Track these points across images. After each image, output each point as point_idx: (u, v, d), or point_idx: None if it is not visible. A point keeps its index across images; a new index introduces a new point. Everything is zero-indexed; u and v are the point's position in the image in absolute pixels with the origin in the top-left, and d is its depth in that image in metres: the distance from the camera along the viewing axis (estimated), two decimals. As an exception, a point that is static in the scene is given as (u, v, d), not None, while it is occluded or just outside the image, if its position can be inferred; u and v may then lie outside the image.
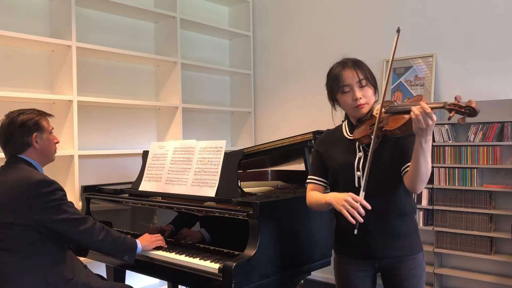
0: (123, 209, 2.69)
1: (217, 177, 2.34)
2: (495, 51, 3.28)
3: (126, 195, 2.72)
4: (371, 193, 1.70)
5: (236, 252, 2.06)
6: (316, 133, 2.26)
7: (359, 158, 1.81)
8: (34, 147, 2.10)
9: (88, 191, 2.89)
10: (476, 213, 3.18)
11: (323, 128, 2.41)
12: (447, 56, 3.47)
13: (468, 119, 1.74)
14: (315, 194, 1.90)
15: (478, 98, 3.30)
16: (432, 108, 1.58)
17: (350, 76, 1.84)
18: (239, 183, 2.30)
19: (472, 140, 3.20)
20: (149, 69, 3.95)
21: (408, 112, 1.61)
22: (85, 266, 2.22)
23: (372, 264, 1.84)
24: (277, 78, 4.49)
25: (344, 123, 1.98)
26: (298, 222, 2.20)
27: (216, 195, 2.30)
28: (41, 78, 3.25)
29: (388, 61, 3.70)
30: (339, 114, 2.07)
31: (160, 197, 2.57)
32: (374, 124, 1.71)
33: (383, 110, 1.71)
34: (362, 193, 1.66)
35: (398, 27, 1.80)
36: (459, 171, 3.23)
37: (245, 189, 2.33)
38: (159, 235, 2.36)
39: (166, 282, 3.60)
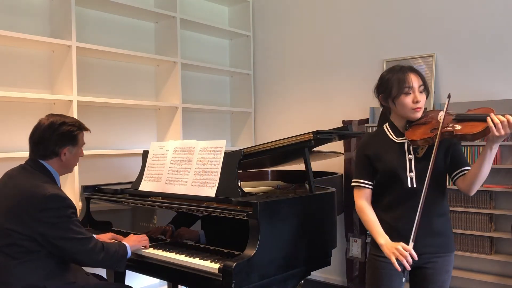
0: (123, 209, 2.69)
1: (217, 177, 2.33)
2: (495, 51, 3.28)
3: (126, 195, 2.72)
4: (421, 192, 1.82)
5: (236, 252, 2.06)
6: (316, 133, 2.25)
7: (410, 160, 1.94)
8: (60, 158, 2.11)
9: (88, 191, 2.89)
10: (476, 213, 3.18)
11: (323, 128, 2.41)
12: (447, 56, 3.48)
13: None
14: (370, 216, 1.99)
15: (478, 98, 3.30)
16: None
17: (415, 79, 1.94)
18: (239, 183, 2.30)
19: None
20: (149, 69, 3.95)
21: (483, 120, 1.80)
22: (87, 274, 2.22)
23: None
24: (277, 78, 4.49)
25: (385, 127, 2.06)
26: (298, 222, 2.20)
27: (216, 195, 2.30)
28: (41, 78, 3.25)
29: (389, 61, 3.71)
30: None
31: (160, 197, 2.57)
32: (436, 128, 1.86)
33: (451, 117, 1.89)
34: (411, 244, 1.78)
35: (449, 94, 2.02)
36: (459, 171, 3.23)
37: (245, 189, 2.33)
38: (145, 235, 2.36)
39: (166, 282, 3.60)
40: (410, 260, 1.76)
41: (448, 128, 1.85)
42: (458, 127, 1.84)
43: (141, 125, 3.87)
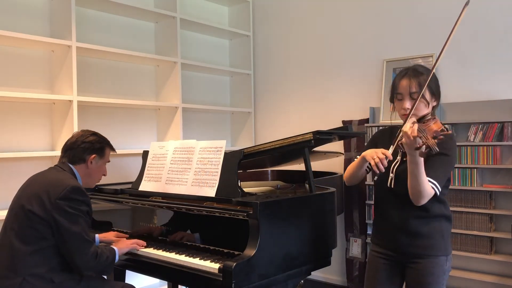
0: (123, 209, 2.69)
1: (217, 177, 2.33)
2: (495, 51, 3.28)
3: (126, 195, 2.72)
4: (400, 194, 1.92)
5: (236, 252, 2.06)
6: (316, 133, 2.25)
7: (396, 162, 1.99)
8: (87, 165, 2.28)
9: (88, 191, 2.88)
10: (476, 213, 3.18)
11: (323, 128, 2.41)
12: (447, 56, 3.47)
13: (468, 119, 1.82)
14: (353, 163, 2.10)
15: (478, 98, 3.31)
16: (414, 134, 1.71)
17: (404, 86, 1.95)
18: (239, 183, 2.30)
19: (472, 140, 3.20)
20: (149, 69, 3.95)
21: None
22: None
23: (396, 256, 2.02)
24: (277, 78, 4.49)
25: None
26: (298, 222, 2.20)
27: (216, 195, 2.30)
28: (41, 78, 3.25)
29: (389, 61, 3.71)
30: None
31: (160, 197, 2.57)
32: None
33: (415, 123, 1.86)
34: (391, 148, 1.85)
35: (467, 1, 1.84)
36: (459, 171, 3.23)
37: (245, 189, 2.33)
38: (138, 240, 2.37)
39: (166, 282, 3.60)
40: (385, 162, 1.81)
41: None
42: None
43: (141, 125, 3.87)
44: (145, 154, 2.80)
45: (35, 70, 3.22)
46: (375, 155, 1.82)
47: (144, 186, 2.67)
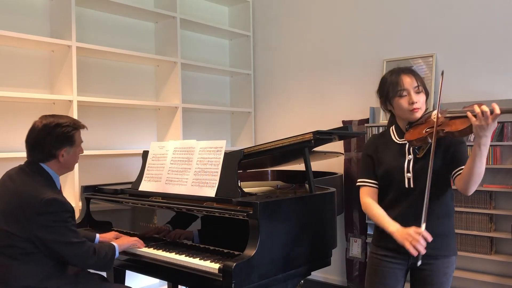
0: (123, 209, 2.69)
1: (217, 177, 2.33)
2: (495, 51, 3.28)
3: (126, 195, 2.72)
4: (420, 192, 1.84)
5: (236, 252, 2.06)
6: (316, 133, 2.25)
7: (409, 161, 1.95)
8: (59, 160, 2.09)
9: (88, 191, 2.89)
10: (476, 213, 3.18)
11: (323, 128, 2.41)
12: (447, 56, 3.48)
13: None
14: (377, 210, 2.00)
15: (478, 98, 3.30)
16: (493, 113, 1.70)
17: (408, 81, 1.95)
18: (239, 183, 2.30)
19: (472, 140, 3.20)
20: (149, 69, 3.95)
21: (466, 116, 1.77)
22: (88, 272, 2.23)
23: (407, 258, 1.96)
24: (277, 78, 4.49)
25: (391, 128, 2.09)
26: (298, 222, 2.20)
27: (216, 195, 2.30)
28: (41, 78, 3.25)
29: (389, 61, 3.71)
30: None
31: (160, 197, 2.57)
32: (430, 127, 1.85)
33: (439, 115, 1.86)
34: (423, 225, 1.77)
35: (442, 71, 2.00)
36: (459, 171, 3.23)
37: (245, 189, 2.33)
38: (137, 238, 2.37)
39: (166, 282, 3.60)
40: (424, 242, 1.75)
41: (440, 127, 1.85)
42: (448, 125, 1.84)
43: (141, 125, 3.87)
44: (145, 154, 2.80)
45: (35, 70, 3.22)
46: (410, 238, 1.76)
47: (144, 186, 2.67)
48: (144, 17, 3.82)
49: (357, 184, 2.11)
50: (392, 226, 1.89)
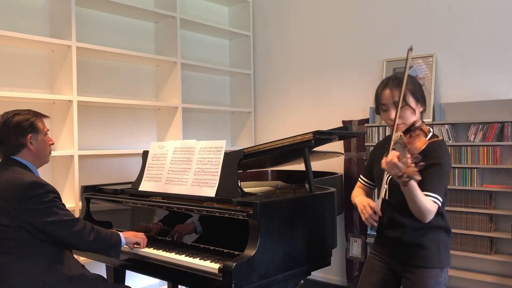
0: (123, 209, 2.69)
1: (217, 177, 2.33)
2: (495, 51, 3.28)
3: (126, 195, 2.72)
4: (397, 205, 1.90)
5: (236, 252, 2.06)
6: (316, 133, 2.25)
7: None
8: (29, 148, 2.09)
9: (88, 191, 2.89)
10: (476, 213, 3.18)
11: (323, 128, 2.41)
12: (447, 56, 3.48)
13: (468, 119, 1.79)
14: (356, 192, 2.17)
15: (478, 98, 3.30)
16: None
17: (386, 96, 1.93)
18: (239, 183, 2.30)
19: (472, 140, 3.20)
20: (149, 69, 3.95)
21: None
22: (83, 266, 2.22)
23: (393, 264, 2.02)
24: (277, 78, 4.49)
25: None
26: (298, 222, 2.20)
27: (216, 195, 2.30)
28: (41, 78, 3.25)
29: (389, 61, 3.71)
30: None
31: (160, 197, 2.57)
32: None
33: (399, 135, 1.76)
34: (377, 201, 1.82)
35: (411, 46, 1.90)
36: (459, 171, 3.23)
37: (245, 189, 2.33)
38: (143, 234, 2.36)
39: (166, 282, 3.60)
40: (376, 217, 1.82)
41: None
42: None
43: (141, 125, 3.87)
44: (145, 154, 2.80)
45: (35, 70, 3.22)
46: (364, 209, 1.85)
47: (144, 186, 2.67)
48: (144, 17, 3.82)
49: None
50: (356, 198, 2.01)
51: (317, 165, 3.44)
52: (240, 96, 4.61)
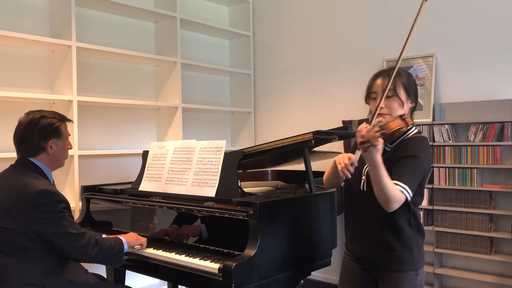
0: (123, 209, 2.69)
1: (217, 177, 2.33)
2: (495, 51, 3.28)
3: (126, 195, 2.72)
4: (372, 197, 1.77)
5: (236, 252, 2.06)
6: (316, 133, 2.25)
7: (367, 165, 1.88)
8: (48, 152, 2.09)
9: (88, 191, 2.88)
10: (476, 213, 3.18)
11: (323, 128, 2.41)
12: (447, 56, 3.47)
13: (468, 119, 1.77)
14: (329, 166, 2.08)
15: (478, 98, 3.30)
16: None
17: (378, 85, 1.91)
18: (239, 183, 2.30)
19: (472, 140, 3.20)
20: (149, 69, 3.95)
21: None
22: (87, 271, 2.21)
23: (364, 263, 1.95)
24: (277, 78, 4.49)
25: None
26: (298, 222, 2.20)
27: (216, 195, 2.30)
28: (41, 78, 3.25)
29: (389, 61, 3.71)
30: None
31: (160, 197, 2.57)
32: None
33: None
34: (358, 152, 1.74)
35: None
36: (459, 171, 3.23)
37: (245, 189, 2.33)
38: (145, 238, 2.34)
39: (166, 282, 3.60)
40: (351, 169, 1.72)
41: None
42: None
43: (141, 125, 3.87)
44: (145, 154, 2.80)
45: (35, 70, 3.22)
46: (341, 160, 1.74)
47: (144, 186, 2.67)
48: (144, 17, 3.82)
49: None
50: (336, 157, 1.91)
51: (317, 165, 3.44)
52: (240, 96, 4.61)
